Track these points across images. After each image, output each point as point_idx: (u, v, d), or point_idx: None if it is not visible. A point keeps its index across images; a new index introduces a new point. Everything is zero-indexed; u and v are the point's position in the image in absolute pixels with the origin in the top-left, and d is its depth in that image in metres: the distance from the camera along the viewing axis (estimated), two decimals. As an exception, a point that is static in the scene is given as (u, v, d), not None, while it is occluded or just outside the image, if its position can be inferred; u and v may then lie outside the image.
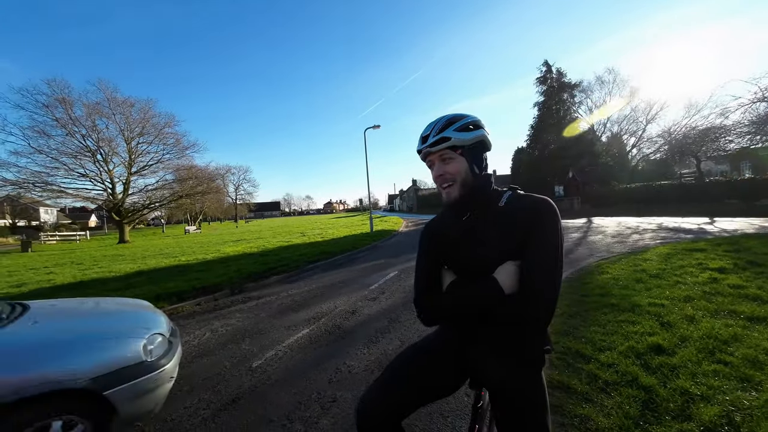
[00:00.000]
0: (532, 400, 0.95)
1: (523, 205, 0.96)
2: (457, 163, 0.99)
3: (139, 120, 25.76)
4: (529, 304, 0.87)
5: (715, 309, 3.36)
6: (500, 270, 0.92)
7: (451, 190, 0.99)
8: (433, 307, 1.04)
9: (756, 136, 18.81)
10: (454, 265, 1.07)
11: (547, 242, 0.89)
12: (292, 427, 2.20)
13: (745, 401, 1.96)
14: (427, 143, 0.99)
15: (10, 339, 1.86)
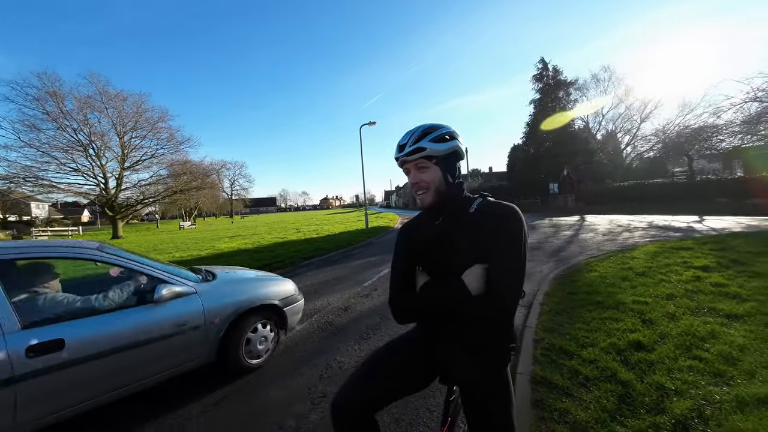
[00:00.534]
0: (496, 396, 1.02)
1: (491, 212, 1.02)
2: (432, 172, 1.05)
3: (132, 114, 25.46)
4: (491, 306, 0.94)
5: (696, 307, 3.47)
6: (468, 273, 0.98)
7: (425, 196, 1.06)
8: (406, 308, 1.10)
9: (747, 135, 19.07)
10: (427, 266, 1.13)
11: (510, 248, 0.96)
12: (283, 422, 2.26)
13: (717, 396, 2.05)
14: (403, 152, 1.05)
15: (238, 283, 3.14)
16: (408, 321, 1.11)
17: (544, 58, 29.58)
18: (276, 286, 3.30)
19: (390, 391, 1.10)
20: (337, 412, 1.07)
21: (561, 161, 27.66)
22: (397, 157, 1.08)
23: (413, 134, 1.05)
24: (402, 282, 1.14)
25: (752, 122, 17.78)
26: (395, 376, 1.11)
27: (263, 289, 3.14)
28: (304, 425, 2.20)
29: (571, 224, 13.45)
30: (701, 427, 1.81)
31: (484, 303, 0.95)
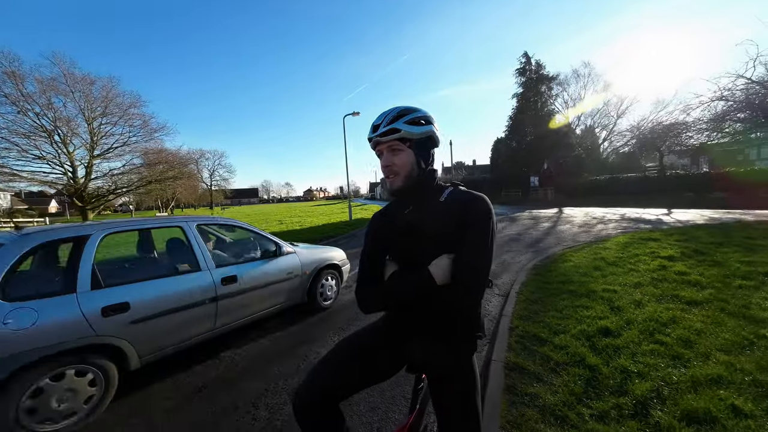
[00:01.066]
0: (462, 383, 1.03)
1: (461, 201, 1.01)
2: (404, 156, 1.02)
3: (101, 99, 23.93)
4: (457, 297, 0.93)
5: (660, 294, 3.65)
6: (435, 263, 0.97)
7: (395, 180, 1.03)
8: (372, 298, 1.08)
9: (713, 132, 20.07)
10: (395, 255, 1.12)
11: (477, 238, 0.95)
12: (257, 413, 2.24)
13: (674, 377, 2.17)
14: (377, 132, 1.01)
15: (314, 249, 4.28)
16: (373, 311, 1.09)
17: (527, 53, 29.92)
18: (335, 252, 4.46)
19: (353, 382, 1.09)
20: (298, 405, 1.05)
21: (541, 155, 28.31)
22: (370, 137, 1.04)
23: (388, 115, 1.02)
24: (370, 272, 1.12)
25: (718, 120, 18.70)
26: (359, 367, 1.10)
27: (329, 253, 4.31)
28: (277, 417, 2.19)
29: (549, 216, 13.84)
30: (659, 407, 1.92)
31: (450, 294, 0.94)
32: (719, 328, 2.78)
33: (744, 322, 2.86)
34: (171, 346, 2.68)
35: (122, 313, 2.33)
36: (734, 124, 18.75)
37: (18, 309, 1.97)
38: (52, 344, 2.01)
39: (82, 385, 2.15)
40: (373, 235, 1.17)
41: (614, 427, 1.79)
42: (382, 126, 1.01)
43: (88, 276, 2.30)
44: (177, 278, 2.75)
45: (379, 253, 1.14)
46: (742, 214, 10.59)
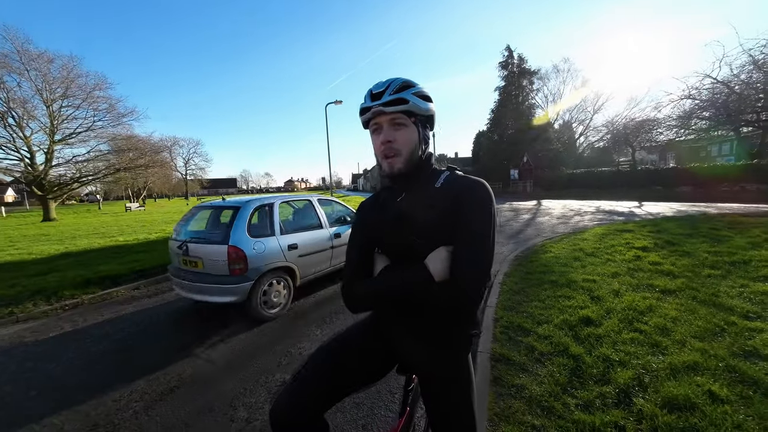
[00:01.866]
0: (457, 384, 0.95)
1: (458, 188, 0.89)
2: (409, 132, 0.88)
3: (61, 79, 22.13)
4: (456, 294, 0.82)
5: (637, 284, 3.77)
6: (432, 257, 0.85)
7: (395, 161, 0.88)
8: (361, 295, 0.96)
9: (681, 129, 21.11)
10: (387, 249, 1.00)
11: (478, 229, 0.84)
12: (235, 414, 2.11)
13: (654, 364, 2.22)
14: (380, 101, 0.85)
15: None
16: (362, 310, 0.98)
17: (509, 46, 30.12)
18: None
19: (339, 389, 0.98)
20: (276, 422, 0.90)
21: (522, 148, 28.86)
22: (368, 106, 0.87)
23: (392, 83, 0.86)
24: (357, 267, 1.00)
25: (686, 117, 19.66)
26: (345, 372, 0.99)
27: None
28: (257, 416, 2.07)
29: (529, 208, 14.17)
30: (641, 395, 1.95)
31: (448, 291, 0.83)
32: (692, 315, 2.88)
33: (714, 309, 2.98)
34: (312, 274, 4.24)
35: (295, 249, 3.89)
36: (699, 122, 19.78)
37: (257, 242, 3.53)
38: (270, 263, 3.59)
39: (281, 289, 3.76)
40: (361, 226, 1.05)
41: (599, 416, 1.80)
42: (387, 94, 0.85)
43: (278, 226, 3.84)
44: (315, 231, 4.30)
45: (368, 245, 1.02)
46: (706, 206, 11.22)
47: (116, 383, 2.52)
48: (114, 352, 3.07)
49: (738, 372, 2.07)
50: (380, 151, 0.90)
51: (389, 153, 0.88)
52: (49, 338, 3.43)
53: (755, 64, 15.85)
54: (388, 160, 0.89)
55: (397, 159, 0.88)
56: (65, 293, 4.61)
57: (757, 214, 8.27)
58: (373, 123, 0.90)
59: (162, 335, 3.38)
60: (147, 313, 4.05)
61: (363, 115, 0.91)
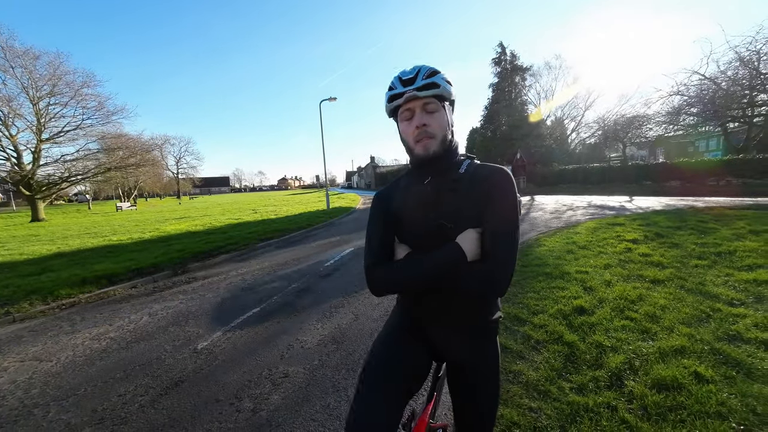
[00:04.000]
0: (485, 372, 0.97)
1: (482, 174, 0.91)
2: (441, 116, 0.89)
3: (48, 76, 21.64)
4: (491, 277, 0.83)
5: (627, 274, 3.89)
6: (462, 237, 0.86)
7: (430, 143, 0.89)
8: (388, 277, 0.93)
9: (670, 125, 21.52)
10: (409, 234, 0.99)
11: (507, 212, 0.86)
12: (240, 404, 2.16)
13: (644, 349, 2.32)
14: (413, 85, 0.86)
15: None
16: (388, 292, 0.95)
17: (502, 43, 30.22)
18: None
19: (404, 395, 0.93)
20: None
21: (515, 144, 29.10)
22: (400, 92, 0.88)
23: (421, 69, 0.88)
24: (380, 249, 0.98)
25: (675, 113, 20.03)
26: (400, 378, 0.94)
27: None
28: (263, 407, 2.12)
29: (523, 204, 14.33)
30: (632, 377, 2.05)
31: (481, 274, 0.83)
32: (680, 303, 3.00)
33: (701, 297, 3.11)
34: None
35: None
36: (687, 118, 20.18)
37: None
38: None
39: None
40: (380, 213, 1.04)
41: (592, 397, 1.89)
42: (420, 79, 0.86)
43: None
44: None
45: (388, 232, 1.01)
46: (694, 200, 11.49)
47: (119, 379, 2.55)
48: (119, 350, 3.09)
49: (722, 354, 2.18)
50: (413, 136, 0.90)
51: (423, 136, 0.89)
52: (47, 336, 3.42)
53: (741, 61, 16.20)
54: (423, 142, 0.90)
55: (432, 141, 0.90)
56: (61, 292, 4.58)
57: (741, 207, 8.51)
58: (403, 109, 0.91)
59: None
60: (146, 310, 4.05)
61: (392, 102, 0.91)
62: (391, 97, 0.91)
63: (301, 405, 2.12)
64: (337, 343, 2.93)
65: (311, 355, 2.75)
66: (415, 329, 1.04)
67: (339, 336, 3.06)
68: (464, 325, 0.98)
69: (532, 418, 1.81)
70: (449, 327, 0.99)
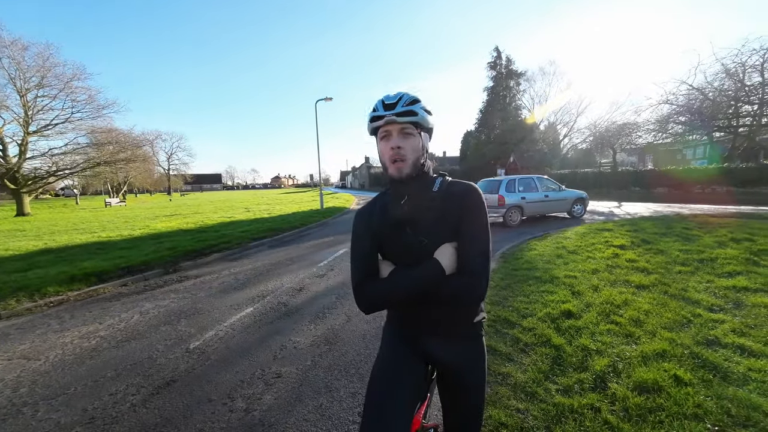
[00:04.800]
0: (471, 374, 1.04)
1: (453, 191, 0.99)
2: (416, 141, 0.97)
3: (37, 67, 21.18)
4: (469, 287, 0.92)
5: (614, 279, 4.00)
6: (440, 252, 0.95)
7: (403, 166, 0.96)
8: (376, 295, 1.00)
9: (659, 133, 22.02)
10: (391, 251, 1.06)
11: (480, 226, 0.95)
12: (233, 404, 2.17)
13: (627, 353, 2.40)
14: (394, 110, 0.94)
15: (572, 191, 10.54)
16: (376, 309, 1.01)
17: (498, 47, 30.59)
18: (582, 193, 10.43)
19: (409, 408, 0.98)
20: None
21: (508, 148, 29.41)
22: (381, 114, 0.95)
23: (402, 97, 0.96)
24: (366, 267, 1.05)
25: (663, 122, 20.53)
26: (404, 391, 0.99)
27: (579, 192, 10.43)
28: (255, 407, 2.14)
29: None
30: (615, 380, 2.12)
31: (459, 285, 0.92)
32: (663, 308, 3.10)
33: (683, 303, 3.22)
34: (531, 213, 9.82)
35: (523, 199, 9.50)
36: (676, 126, 20.69)
37: (520, 196, 9.47)
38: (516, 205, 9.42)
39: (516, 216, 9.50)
40: (364, 231, 1.09)
41: (577, 399, 1.96)
42: (400, 105, 0.94)
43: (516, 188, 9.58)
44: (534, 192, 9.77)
45: (373, 249, 1.08)
46: (680, 207, 11.81)
47: (109, 378, 2.54)
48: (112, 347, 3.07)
49: (701, 358, 2.27)
50: (389, 156, 0.97)
51: (398, 158, 0.96)
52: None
53: (727, 73, 16.70)
54: (396, 164, 0.96)
55: (405, 164, 0.96)
56: (49, 290, 4.51)
57: (724, 215, 8.78)
58: (383, 130, 0.98)
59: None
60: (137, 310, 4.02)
61: (374, 122, 0.98)
62: (373, 118, 0.98)
63: (293, 405, 2.15)
64: (330, 344, 2.96)
65: (304, 355, 2.78)
66: (409, 339, 1.10)
67: (332, 337, 3.08)
68: (449, 330, 1.05)
69: (519, 419, 1.86)
70: (436, 334, 1.06)
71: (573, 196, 10.15)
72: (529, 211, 9.51)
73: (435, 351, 1.06)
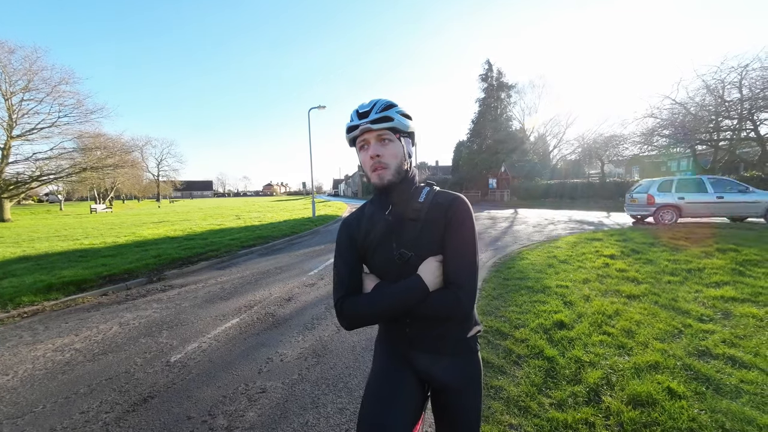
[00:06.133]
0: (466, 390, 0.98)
1: (440, 202, 0.95)
2: (395, 147, 0.93)
3: (23, 71, 20.80)
4: (456, 302, 0.87)
5: (605, 289, 4.00)
6: (423, 267, 0.90)
7: (385, 173, 0.92)
8: (357, 312, 0.94)
9: (644, 145, 22.63)
10: (374, 263, 1.01)
11: (467, 239, 0.90)
12: (213, 422, 2.06)
13: (620, 365, 2.37)
14: (368, 118, 0.91)
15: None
16: (358, 326, 0.96)
17: (489, 60, 31.38)
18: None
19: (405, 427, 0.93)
20: None
21: (499, 158, 29.90)
22: (356, 124, 0.92)
23: (377, 103, 0.93)
24: (348, 284, 0.99)
25: (648, 134, 21.12)
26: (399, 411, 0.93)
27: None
28: (237, 425, 2.03)
29: (506, 217, 14.64)
30: (609, 393, 2.08)
31: (447, 300, 0.87)
32: (654, 319, 3.10)
33: (673, 313, 3.22)
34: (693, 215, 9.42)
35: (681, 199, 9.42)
36: (660, 139, 21.30)
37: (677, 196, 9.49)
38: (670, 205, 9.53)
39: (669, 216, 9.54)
40: (348, 241, 1.05)
41: (571, 413, 1.91)
42: (374, 112, 0.91)
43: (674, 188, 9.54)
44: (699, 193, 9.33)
45: (357, 262, 1.02)
46: (666, 218, 12.03)
47: (82, 395, 2.39)
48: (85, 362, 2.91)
49: (693, 370, 2.25)
50: (369, 165, 0.94)
51: (377, 166, 0.93)
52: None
53: (707, 89, 17.33)
54: (378, 172, 0.93)
55: (386, 171, 0.93)
56: (23, 299, 4.31)
57: (709, 225, 8.97)
58: (360, 140, 0.95)
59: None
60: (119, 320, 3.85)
61: (350, 133, 0.95)
62: (349, 129, 0.95)
63: (278, 422, 2.05)
64: (318, 356, 2.86)
65: (291, 368, 2.67)
66: (400, 356, 1.04)
67: (320, 349, 2.99)
68: (441, 346, 0.98)
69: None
70: (428, 350, 0.99)
71: (764, 200, 8.91)
72: (691, 212, 9.27)
73: (427, 368, 1.00)
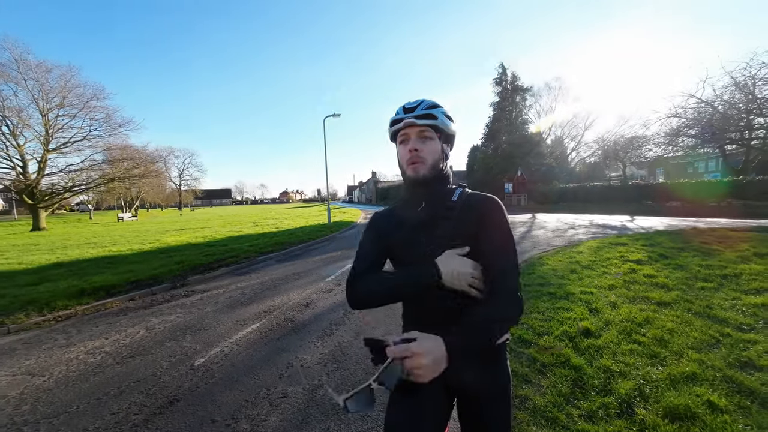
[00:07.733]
0: (496, 399, 0.95)
1: (475, 202, 0.96)
2: (434, 145, 0.96)
3: (59, 89, 22.18)
4: (510, 306, 0.85)
5: (633, 296, 3.83)
6: (443, 258, 0.90)
7: (420, 166, 0.94)
8: (367, 289, 0.96)
9: (669, 146, 21.75)
10: (402, 258, 1.03)
11: (505, 238, 0.90)
12: (237, 426, 2.08)
13: (654, 375, 2.26)
14: (413, 113, 0.94)
15: None
16: (365, 306, 0.98)
17: (503, 64, 31.03)
18: None
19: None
20: None
21: (515, 162, 29.39)
22: (401, 117, 0.96)
23: (423, 102, 0.97)
24: (366, 265, 1.02)
25: (673, 135, 20.30)
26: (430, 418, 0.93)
27: None
28: (260, 429, 2.05)
29: (524, 221, 14.32)
30: (643, 405, 1.98)
31: (499, 304, 0.84)
32: (688, 327, 2.94)
33: (709, 321, 3.05)
34: None
35: None
36: (686, 140, 20.43)
37: None
38: None
39: None
40: (375, 233, 1.07)
41: (603, 426, 1.82)
42: (420, 109, 0.95)
43: None
44: None
45: (380, 253, 1.04)
46: (695, 221, 11.47)
47: (112, 396, 2.47)
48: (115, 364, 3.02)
49: (735, 382, 2.11)
50: (407, 159, 0.96)
51: (415, 160, 0.95)
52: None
53: (737, 86, 16.54)
54: (414, 165, 0.95)
55: (422, 165, 0.95)
56: (58, 304, 4.52)
57: (744, 228, 8.48)
58: (402, 134, 0.98)
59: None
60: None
61: (393, 126, 0.99)
62: (393, 122, 0.99)
63: (300, 428, 2.05)
64: (338, 362, 2.86)
65: (311, 374, 2.68)
66: None
67: (339, 355, 2.99)
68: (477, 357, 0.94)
69: (540, 447, 1.73)
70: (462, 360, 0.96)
71: None
72: None
73: (454, 376, 0.96)
